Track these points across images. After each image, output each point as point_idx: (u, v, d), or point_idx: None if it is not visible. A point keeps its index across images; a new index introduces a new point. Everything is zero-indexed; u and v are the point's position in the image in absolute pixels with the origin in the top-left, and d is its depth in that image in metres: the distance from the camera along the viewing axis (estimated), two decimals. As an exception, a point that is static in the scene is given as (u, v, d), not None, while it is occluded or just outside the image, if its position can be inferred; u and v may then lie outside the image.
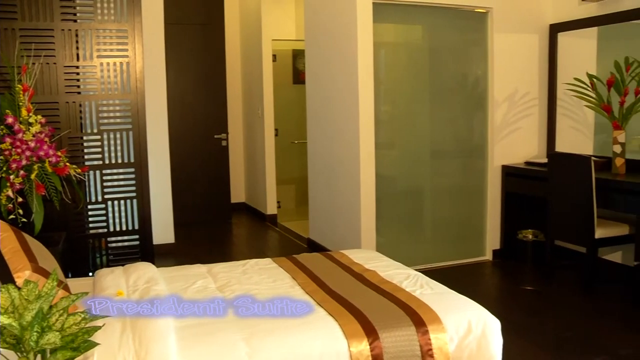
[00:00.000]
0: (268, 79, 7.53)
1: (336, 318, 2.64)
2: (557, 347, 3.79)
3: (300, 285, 3.14)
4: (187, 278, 3.31)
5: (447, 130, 5.59)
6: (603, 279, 5.14)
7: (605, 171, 4.90)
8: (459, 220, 5.71)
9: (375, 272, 3.30)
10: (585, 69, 5.16)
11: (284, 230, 7.28)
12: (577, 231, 4.72)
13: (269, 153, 7.63)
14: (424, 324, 2.60)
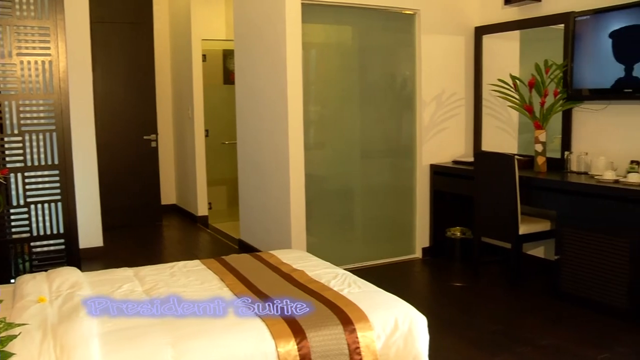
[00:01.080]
0: (198, 79, 7.46)
1: (263, 319, 2.63)
2: (484, 341, 3.90)
3: (229, 286, 3.13)
4: (113, 282, 3.25)
5: (377, 130, 5.66)
6: (527, 273, 5.31)
7: (528, 169, 5.06)
8: (389, 219, 5.80)
9: (304, 272, 3.32)
10: (509, 71, 5.31)
11: (215, 232, 7.22)
12: (502, 228, 4.86)
13: (199, 154, 7.55)
14: (351, 323, 2.63)
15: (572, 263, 4.50)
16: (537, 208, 5.01)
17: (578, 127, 5.04)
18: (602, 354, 3.69)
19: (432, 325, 4.01)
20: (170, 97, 8.26)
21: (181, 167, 8.14)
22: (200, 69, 7.47)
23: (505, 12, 5.61)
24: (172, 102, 8.26)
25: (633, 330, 4.05)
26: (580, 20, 4.80)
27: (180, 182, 8.27)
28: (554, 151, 5.15)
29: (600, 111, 4.84)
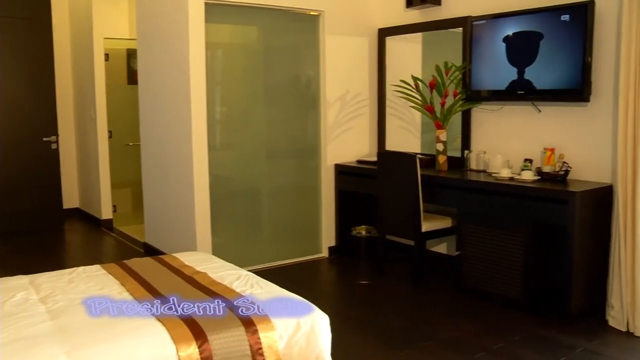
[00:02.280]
0: (100, 78, 7.23)
1: (164, 323, 2.59)
2: (388, 337, 3.97)
3: (129, 291, 3.05)
4: (6, 291, 3.10)
5: (282, 131, 5.67)
6: (431, 269, 5.46)
7: (430, 168, 5.20)
8: (295, 219, 5.82)
9: (206, 274, 3.28)
10: (412, 72, 5.44)
11: (120, 235, 7.04)
12: (406, 226, 4.96)
13: (102, 156, 7.33)
14: (253, 324, 2.62)
15: (472, 258, 4.65)
16: (439, 205, 5.15)
17: (477, 126, 5.23)
18: (498, 343, 3.84)
19: (337, 323, 4.06)
20: (71, 97, 7.97)
21: (84, 170, 7.88)
22: (103, 68, 7.24)
23: (407, 14, 5.75)
24: (73, 102, 7.98)
25: (526, 319, 4.24)
26: (477, 25, 4.98)
27: (83, 185, 8.00)
28: (456, 150, 5.32)
29: (496, 112, 5.04)
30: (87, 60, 7.35)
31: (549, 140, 4.66)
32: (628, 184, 4.00)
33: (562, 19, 4.39)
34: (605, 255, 4.27)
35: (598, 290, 4.30)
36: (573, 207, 4.00)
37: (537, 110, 4.74)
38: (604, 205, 4.24)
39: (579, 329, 4.08)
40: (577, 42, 4.31)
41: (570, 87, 4.38)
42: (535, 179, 4.41)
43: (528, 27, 4.60)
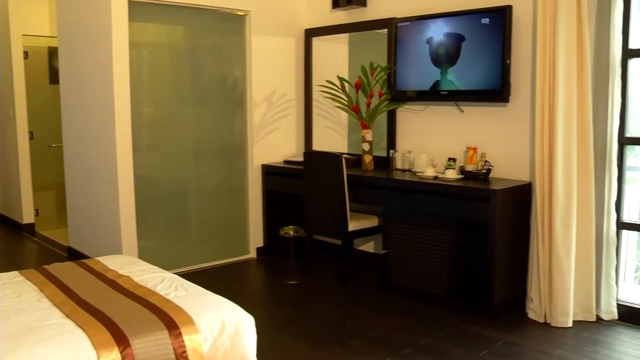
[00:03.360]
0: (19, 77, 6.97)
1: (85, 329, 2.51)
2: (316, 336, 3.98)
3: (48, 297, 2.96)
4: None
5: (209, 131, 5.61)
6: (359, 268, 5.51)
7: (356, 168, 5.25)
8: (223, 220, 5.76)
9: (130, 278, 3.21)
10: (339, 72, 5.48)
11: (42, 240, 6.81)
12: (333, 225, 4.99)
13: (23, 158, 7.07)
14: (176, 327, 2.59)
15: (398, 256, 4.72)
16: (365, 205, 5.20)
17: (402, 126, 5.31)
18: (424, 339, 3.91)
19: (265, 324, 4.06)
20: (-13, 97, 7.66)
21: (4, 172, 7.58)
22: (22, 67, 6.98)
23: (334, 15, 5.78)
24: (-10, 102, 7.67)
25: (451, 315, 4.34)
26: (402, 26, 5.06)
27: (2, 188, 7.69)
28: (382, 150, 5.38)
29: (421, 112, 5.13)
30: (4, 58, 7.07)
31: (472, 139, 4.78)
32: (545, 182, 4.15)
33: (482, 22, 4.51)
34: (525, 250, 4.42)
35: (518, 285, 4.44)
36: (494, 204, 4.11)
37: (460, 110, 4.86)
38: (524, 202, 4.38)
39: (500, 322, 4.21)
40: (496, 44, 4.44)
41: (491, 88, 4.51)
42: (459, 177, 4.52)
43: (450, 29, 4.71)
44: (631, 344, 3.90)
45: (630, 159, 4.36)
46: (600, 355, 3.71)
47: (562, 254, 4.09)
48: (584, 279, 4.20)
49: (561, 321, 4.14)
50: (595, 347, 3.84)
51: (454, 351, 3.75)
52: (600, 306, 4.26)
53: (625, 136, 4.19)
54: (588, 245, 4.16)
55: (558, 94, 4.04)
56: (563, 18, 4.00)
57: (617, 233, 4.24)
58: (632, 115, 4.27)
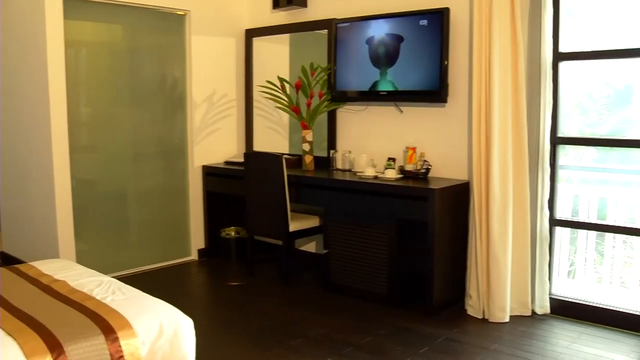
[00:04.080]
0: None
1: (15, 337, 2.42)
2: (258, 337, 3.97)
3: (-23, 304, 2.86)
4: None
5: (149, 132, 5.52)
6: (301, 268, 5.52)
7: (297, 168, 5.26)
8: (164, 222, 5.68)
9: (65, 282, 3.13)
10: (280, 73, 5.47)
11: (-27, 245, 6.57)
12: (274, 226, 4.98)
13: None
14: (113, 331, 2.54)
15: (339, 256, 4.75)
16: (306, 205, 5.21)
17: (342, 127, 5.35)
18: (366, 338, 3.95)
19: (206, 326, 4.03)
20: None
21: None
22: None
23: (274, 16, 5.78)
24: None
25: (392, 313, 4.40)
26: (342, 27, 5.09)
27: None
28: (323, 150, 5.41)
29: (361, 112, 5.18)
30: None
31: (411, 139, 4.85)
32: (482, 181, 4.25)
33: (420, 23, 4.59)
34: (464, 248, 4.51)
35: (458, 282, 4.53)
36: (433, 203, 4.18)
37: (399, 110, 4.93)
38: (462, 201, 4.47)
39: (440, 319, 4.28)
40: (434, 46, 4.52)
41: (429, 89, 4.59)
42: (398, 177, 4.59)
43: (389, 30, 4.77)
44: (563, 336, 4.03)
45: (562, 158, 4.50)
46: (535, 348, 3.82)
47: (499, 251, 4.19)
48: (520, 275, 4.31)
49: (498, 316, 4.25)
50: (530, 340, 3.95)
51: (395, 349, 3.80)
52: (534, 301, 4.39)
53: (557, 136, 4.32)
54: (523, 242, 4.28)
55: (494, 95, 4.14)
56: (498, 22, 4.10)
57: (550, 230, 4.37)
58: (563, 116, 4.41)
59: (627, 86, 7.08)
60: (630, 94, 5.92)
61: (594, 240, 4.98)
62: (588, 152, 6.22)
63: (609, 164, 5.99)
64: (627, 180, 5.20)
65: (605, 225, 4.69)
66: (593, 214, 5.00)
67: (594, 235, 4.96)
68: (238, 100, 6.04)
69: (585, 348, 3.83)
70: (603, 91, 7.50)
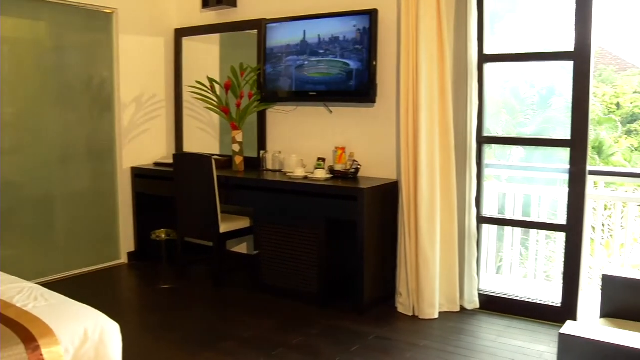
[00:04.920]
0: None
1: None
2: (189, 341, 3.92)
3: None
4: None
5: (76, 133, 5.36)
6: (233, 269, 5.48)
7: (227, 169, 5.21)
8: (92, 225, 5.53)
9: (-17, 290, 3.02)
10: (211, 73, 5.42)
11: None
12: (204, 227, 4.92)
13: None
14: (34, 340, 2.45)
15: (270, 256, 4.74)
16: (237, 206, 5.18)
17: (272, 127, 5.34)
18: (297, 338, 3.95)
19: (136, 331, 3.96)
20: None
21: None
22: None
23: (204, 15, 5.72)
24: None
25: (323, 313, 4.42)
26: (271, 27, 5.08)
27: None
28: (254, 150, 5.38)
29: (291, 112, 5.18)
30: None
31: (341, 139, 4.88)
32: (410, 180, 4.31)
33: (350, 24, 4.62)
34: (393, 246, 4.57)
35: (388, 280, 4.59)
36: (362, 203, 4.22)
37: (328, 111, 4.95)
38: (391, 200, 4.53)
39: (371, 318, 4.33)
40: (364, 47, 4.56)
41: (358, 89, 4.62)
42: (328, 177, 4.61)
43: (319, 31, 4.78)
44: (491, 330, 4.13)
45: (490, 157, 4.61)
46: (463, 343, 3.90)
47: (428, 249, 4.26)
48: (449, 271, 4.40)
49: (428, 313, 4.31)
50: (459, 335, 4.03)
51: (326, 348, 3.81)
52: (463, 297, 4.48)
53: (483, 135, 4.43)
54: (451, 239, 4.36)
55: (421, 95, 4.20)
56: (424, 24, 4.17)
57: (478, 227, 4.47)
58: (491, 116, 4.52)
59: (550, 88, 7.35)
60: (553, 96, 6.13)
61: (520, 236, 5.13)
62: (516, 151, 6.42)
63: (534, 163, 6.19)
64: (551, 178, 5.39)
65: (530, 221, 4.84)
66: (519, 211, 5.15)
67: (519, 232, 5.12)
68: (167, 101, 5.95)
69: (511, 341, 3.94)
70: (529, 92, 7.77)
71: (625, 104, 10.35)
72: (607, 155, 9.66)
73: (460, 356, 3.71)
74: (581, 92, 4.02)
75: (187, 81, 5.77)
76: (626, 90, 10.49)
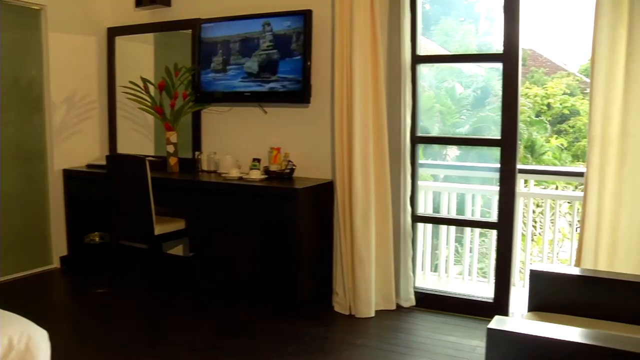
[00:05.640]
0: None
1: None
2: (124, 346, 3.85)
3: None
4: None
5: (4, 135, 5.17)
6: (170, 272, 5.39)
7: (162, 170, 5.14)
8: (22, 230, 5.35)
9: None
10: (145, 73, 5.33)
11: None
12: (138, 230, 4.82)
13: None
14: (-48, 349, 2.37)
15: (207, 258, 4.70)
16: (172, 208, 5.11)
17: (207, 128, 5.29)
18: (235, 339, 3.94)
19: (67, 338, 3.88)
20: None
21: None
22: None
23: (137, 14, 5.62)
24: None
25: (260, 313, 4.40)
26: (206, 27, 5.03)
27: None
28: (189, 151, 5.32)
29: (226, 113, 5.14)
30: None
31: (276, 140, 4.88)
32: (345, 180, 4.34)
33: (285, 25, 4.62)
34: (329, 246, 4.59)
35: (324, 280, 4.60)
36: (297, 203, 4.22)
37: (263, 111, 4.93)
38: (326, 200, 4.55)
39: (308, 317, 4.33)
40: (298, 47, 4.56)
41: (293, 90, 4.62)
42: (263, 177, 4.60)
43: (254, 30, 4.76)
44: (426, 327, 4.20)
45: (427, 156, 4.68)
46: (399, 340, 3.96)
47: (363, 248, 4.29)
48: (384, 270, 4.44)
49: (364, 312, 4.35)
50: (396, 333, 4.08)
51: (263, 349, 3.80)
52: (399, 295, 4.54)
53: (416, 135, 4.49)
54: (387, 238, 4.41)
55: (355, 95, 4.23)
56: (358, 25, 4.20)
57: (413, 226, 4.53)
58: (426, 117, 4.59)
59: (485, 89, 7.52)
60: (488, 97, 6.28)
61: (454, 234, 5.23)
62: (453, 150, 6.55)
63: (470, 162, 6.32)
64: (485, 177, 5.51)
65: (463, 219, 4.93)
66: (454, 209, 5.25)
67: (453, 230, 5.21)
68: (100, 101, 5.82)
69: (446, 337, 4.01)
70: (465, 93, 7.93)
71: (555, 104, 10.70)
72: (538, 154, 9.96)
73: (396, 353, 3.76)
74: (510, 93, 4.12)
75: (121, 81, 5.65)
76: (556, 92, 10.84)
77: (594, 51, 3.59)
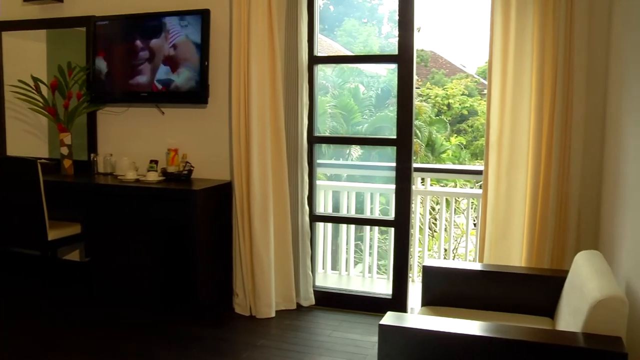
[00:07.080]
0: None
1: None
2: (19, 358, 3.68)
3: None
4: None
5: None
6: (64, 279, 5.21)
7: (56, 173, 4.96)
8: None
9: None
10: (36, 72, 5.12)
11: None
12: (30, 236, 4.63)
13: None
14: None
15: (104, 263, 4.58)
16: (67, 212, 4.94)
17: (103, 129, 5.15)
18: (135, 345, 3.86)
19: None
20: None
21: None
22: None
23: (26, 9, 5.38)
24: None
25: (161, 318, 4.33)
26: (101, 25, 4.90)
27: None
28: (84, 153, 5.15)
29: (122, 114, 5.02)
30: None
31: (173, 141, 4.81)
32: (243, 181, 4.33)
33: (182, 24, 4.56)
34: (229, 248, 4.57)
35: (224, 281, 4.58)
36: (195, 204, 4.18)
37: (160, 112, 4.86)
38: (225, 201, 4.53)
39: (209, 320, 4.31)
40: (195, 47, 4.51)
41: (190, 90, 4.57)
42: (160, 179, 4.52)
43: (151, 29, 4.67)
44: (326, 325, 4.26)
45: (327, 155, 4.74)
46: (299, 339, 3.99)
47: (262, 249, 4.30)
48: (284, 270, 4.46)
49: (265, 312, 4.36)
50: (296, 332, 4.12)
51: (163, 353, 3.75)
52: (299, 294, 4.57)
53: (314, 135, 4.54)
54: (286, 238, 4.43)
55: (252, 96, 4.23)
56: (256, 25, 4.20)
57: (311, 225, 4.57)
58: (329, 117, 4.65)
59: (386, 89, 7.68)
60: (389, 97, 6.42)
61: (354, 233, 5.32)
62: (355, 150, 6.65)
63: (371, 162, 6.44)
64: (385, 176, 5.64)
65: (362, 218, 5.03)
66: (353, 208, 5.33)
67: (353, 229, 5.30)
68: (-12, 101, 5.56)
69: (346, 334, 4.08)
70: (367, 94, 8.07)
71: (455, 105, 11.10)
72: (439, 153, 10.30)
73: (296, 352, 3.79)
74: (405, 93, 4.23)
75: (10, 80, 5.40)
76: (456, 92, 11.25)
77: (491, 54, 3.75)
